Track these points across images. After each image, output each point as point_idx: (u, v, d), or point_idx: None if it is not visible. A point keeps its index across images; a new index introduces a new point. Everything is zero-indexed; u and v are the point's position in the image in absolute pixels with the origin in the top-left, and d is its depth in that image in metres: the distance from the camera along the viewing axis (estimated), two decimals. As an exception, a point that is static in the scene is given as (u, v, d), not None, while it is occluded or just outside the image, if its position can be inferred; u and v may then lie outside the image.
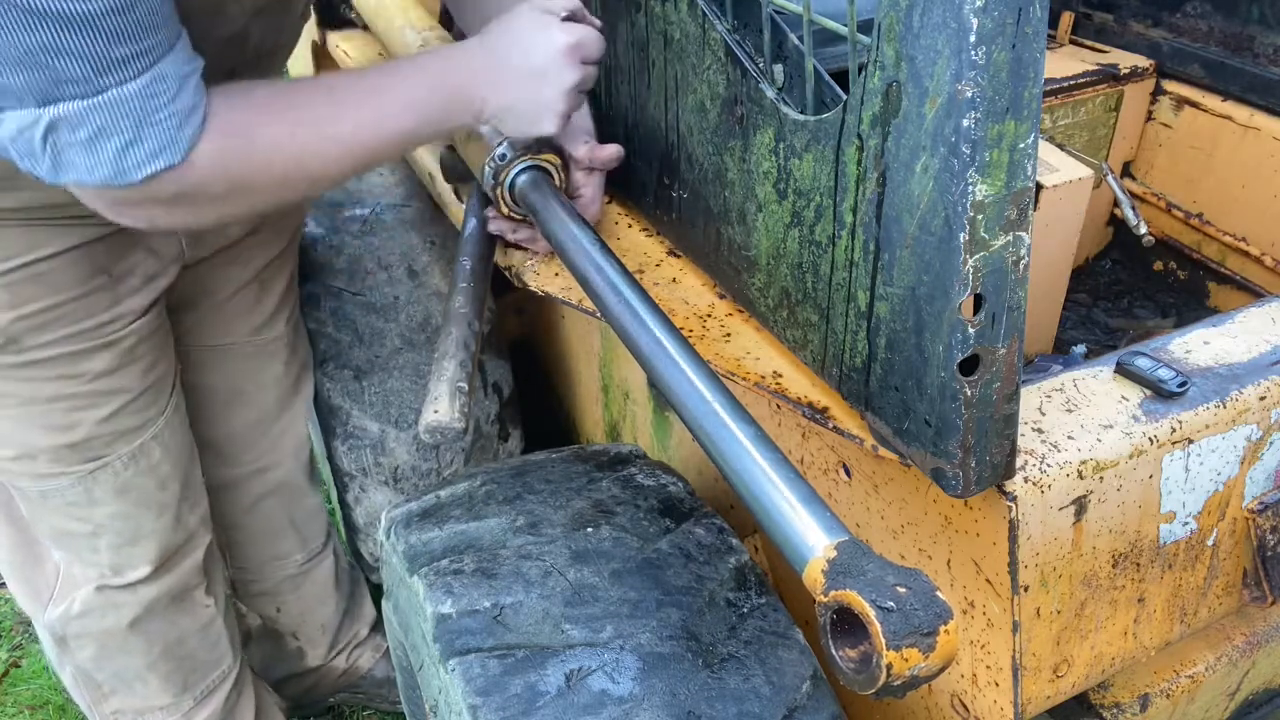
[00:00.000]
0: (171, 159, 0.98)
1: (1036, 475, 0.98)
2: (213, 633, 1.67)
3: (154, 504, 1.48)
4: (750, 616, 1.21)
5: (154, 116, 0.96)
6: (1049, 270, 1.67)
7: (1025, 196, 0.81)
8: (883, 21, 0.82)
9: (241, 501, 1.81)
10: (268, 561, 1.90)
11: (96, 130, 0.94)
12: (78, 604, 1.51)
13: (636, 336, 1.05)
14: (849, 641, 0.76)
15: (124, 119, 0.95)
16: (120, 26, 0.92)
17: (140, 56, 0.94)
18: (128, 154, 0.96)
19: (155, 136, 0.97)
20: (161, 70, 0.96)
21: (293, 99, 1.09)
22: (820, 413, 1.08)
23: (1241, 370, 1.10)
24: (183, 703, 1.67)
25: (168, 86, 0.97)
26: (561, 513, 1.31)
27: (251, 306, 1.66)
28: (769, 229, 1.10)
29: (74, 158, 0.95)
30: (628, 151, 1.40)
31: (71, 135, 0.94)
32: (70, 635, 1.55)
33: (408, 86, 1.15)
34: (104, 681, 1.61)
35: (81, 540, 1.46)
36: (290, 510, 1.87)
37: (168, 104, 0.97)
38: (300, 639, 2.02)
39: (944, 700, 1.21)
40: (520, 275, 1.42)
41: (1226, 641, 1.30)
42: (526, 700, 1.08)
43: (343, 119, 1.10)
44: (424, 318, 2.00)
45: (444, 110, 1.17)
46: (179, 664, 1.64)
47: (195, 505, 1.58)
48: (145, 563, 1.51)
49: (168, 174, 0.99)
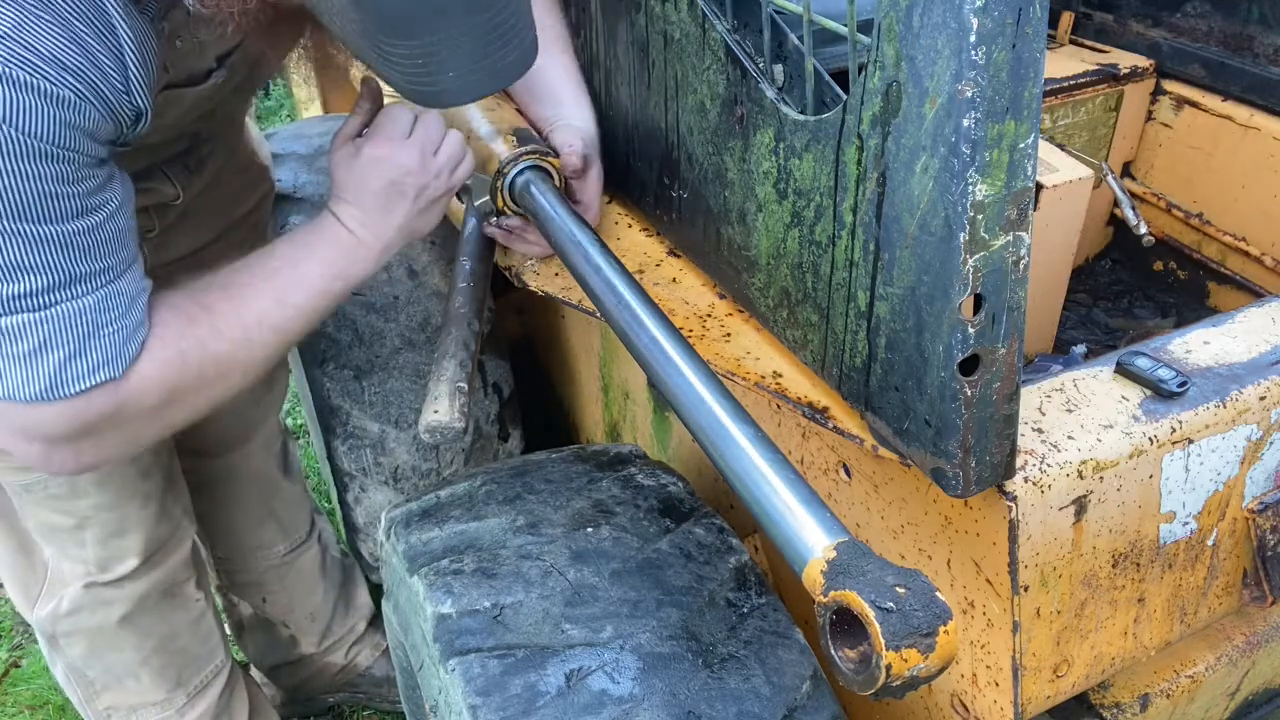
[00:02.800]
0: (113, 373, 0.97)
1: (1036, 475, 0.98)
2: (204, 627, 1.68)
3: (138, 494, 1.48)
4: (750, 616, 1.21)
5: (102, 331, 0.96)
6: (1049, 270, 1.67)
7: (1025, 196, 0.81)
8: (883, 21, 0.82)
9: (220, 493, 1.83)
10: (250, 551, 1.92)
11: (40, 343, 0.93)
12: (66, 602, 1.52)
13: (636, 336, 1.05)
14: (849, 642, 0.76)
15: (70, 332, 0.94)
16: (90, 244, 0.93)
17: (101, 275, 0.95)
18: (68, 367, 0.95)
19: (100, 350, 0.96)
20: (118, 286, 0.97)
21: (205, 298, 1.09)
22: (820, 413, 1.08)
23: (1241, 370, 1.10)
24: (176, 698, 1.67)
25: (120, 302, 0.97)
26: (561, 513, 1.31)
27: None
28: (769, 229, 1.10)
29: (9, 370, 0.93)
30: (627, 151, 1.40)
31: (12, 348, 0.92)
32: (60, 633, 1.55)
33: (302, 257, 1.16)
34: (95, 678, 1.62)
35: (67, 534, 1.47)
36: (269, 501, 1.89)
37: (118, 318, 0.97)
38: (290, 627, 2.03)
39: (944, 700, 1.21)
40: (520, 275, 1.42)
41: (1226, 641, 1.30)
42: (526, 700, 1.08)
43: (257, 302, 1.10)
44: (424, 318, 2.00)
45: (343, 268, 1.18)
46: (171, 659, 1.64)
47: (179, 497, 1.59)
48: (133, 555, 1.51)
49: (105, 388, 0.98)
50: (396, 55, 0.88)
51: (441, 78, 0.90)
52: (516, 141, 1.35)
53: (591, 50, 1.44)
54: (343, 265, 1.18)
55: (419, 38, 0.86)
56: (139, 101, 0.96)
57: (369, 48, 0.89)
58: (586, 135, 1.38)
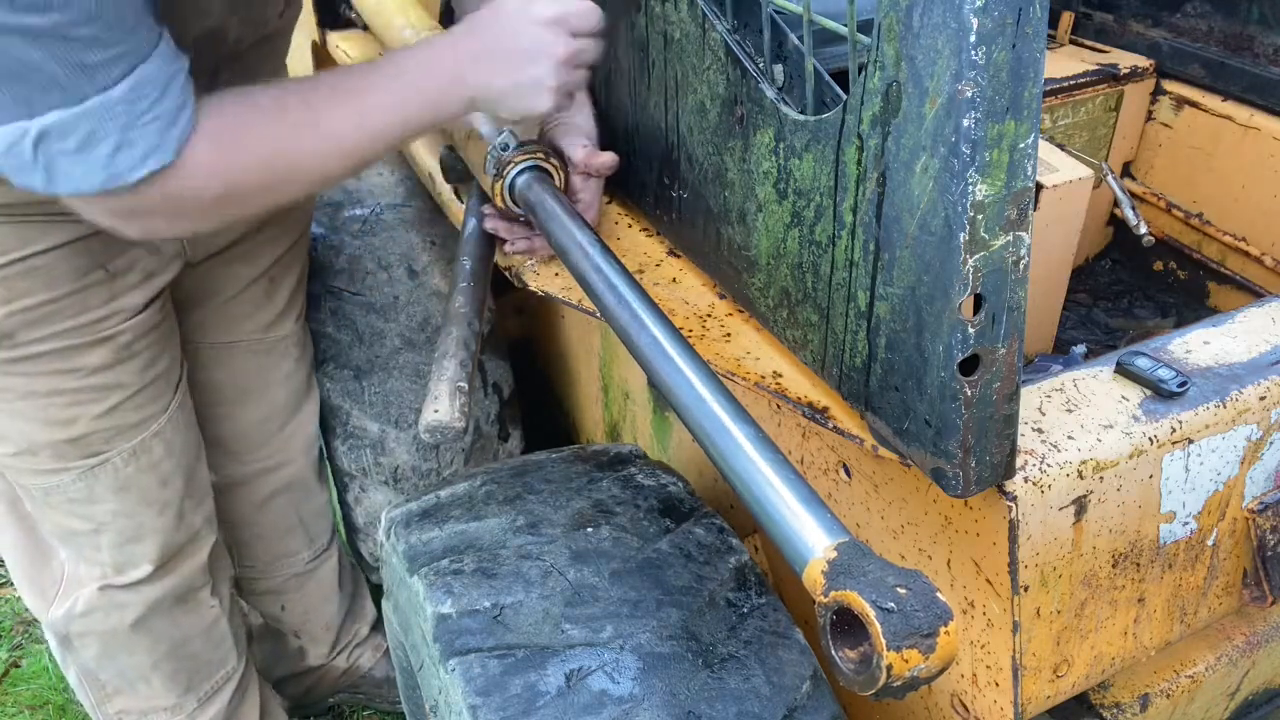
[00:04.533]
0: (163, 159, 0.98)
1: (1036, 475, 0.98)
2: (217, 633, 1.67)
3: (155, 501, 1.48)
4: (750, 616, 1.21)
5: (140, 119, 0.96)
6: (1049, 270, 1.67)
7: (1025, 196, 0.81)
8: (883, 21, 0.82)
9: (251, 499, 1.81)
10: (275, 559, 1.90)
11: (85, 137, 0.94)
12: (81, 603, 1.52)
13: (636, 337, 1.05)
14: (849, 642, 0.76)
15: (110, 123, 0.95)
16: (89, 34, 0.91)
17: (117, 61, 0.94)
18: (118, 157, 0.96)
19: (144, 139, 0.97)
20: (143, 73, 0.96)
21: (283, 99, 1.08)
22: (820, 413, 1.08)
23: (1241, 370, 1.10)
24: (186, 703, 1.67)
25: (152, 90, 0.97)
26: (561, 513, 1.31)
27: (260, 304, 1.66)
28: (769, 229, 1.10)
29: (66, 166, 0.96)
30: (627, 151, 1.40)
31: (61, 144, 0.94)
32: (74, 634, 1.55)
33: (397, 81, 1.14)
34: (108, 681, 1.62)
35: (84, 538, 1.47)
36: (299, 508, 1.88)
37: (152, 106, 0.97)
38: (302, 638, 2.02)
39: (944, 700, 1.21)
40: (520, 275, 1.42)
41: (1226, 641, 1.30)
42: (526, 700, 1.08)
43: (335, 117, 1.09)
44: (424, 318, 2.00)
45: (433, 101, 1.15)
46: (182, 664, 1.64)
47: (200, 504, 1.58)
48: (147, 561, 1.51)
49: (162, 176, 0.99)
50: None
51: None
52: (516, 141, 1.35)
53: (591, 50, 1.44)
54: (436, 100, 1.14)
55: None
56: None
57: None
58: (589, 134, 1.37)
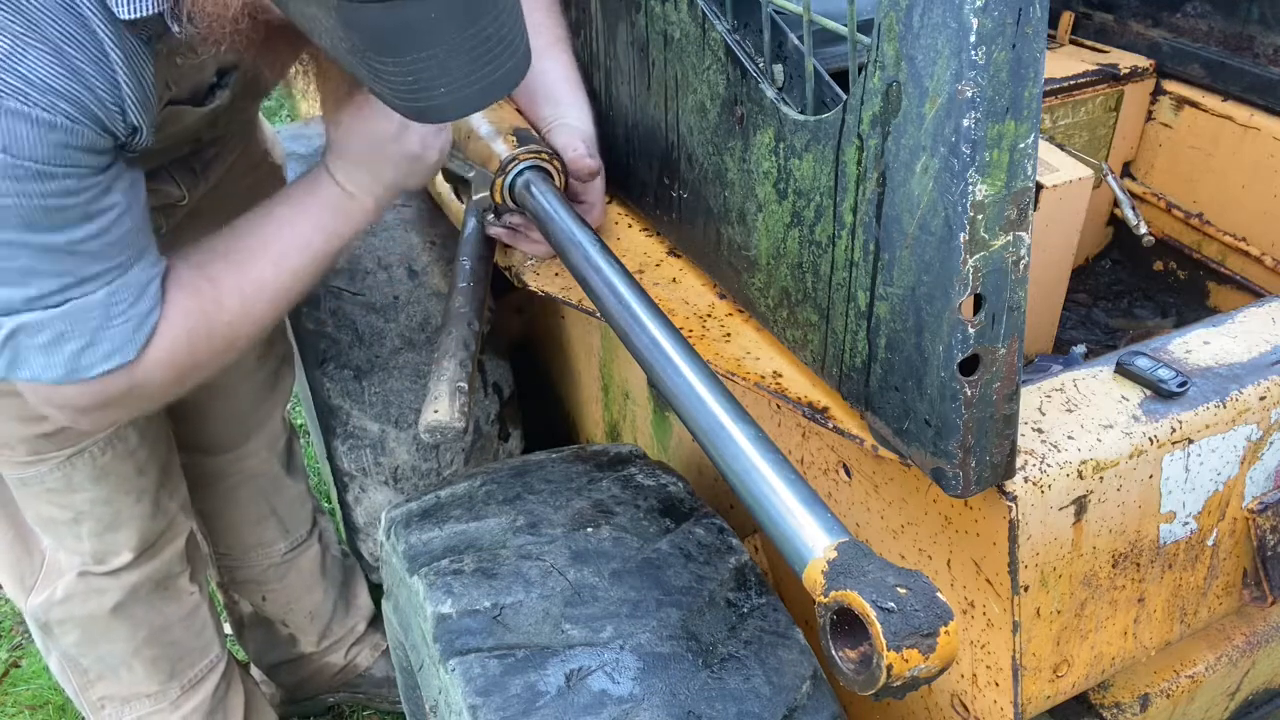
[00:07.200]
0: (124, 358, 1.04)
1: (1036, 475, 0.98)
2: (197, 620, 1.69)
3: (133, 489, 1.50)
4: (750, 616, 1.21)
5: (112, 322, 1.02)
6: (1049, 270, 1.66)
7: (1025, 196, 0.81)
8: (883, 21, 0.82)
9: (220, 490, 1.84)
10: (251, 549, 1.92)
11: (56, 335, 1.00)
12: (60, 589, 1.53)
13: (636, 336, 1.05)
14: (849, 642, 0.76)
15: (83, 325, 1.00)
16: (97, 249, 0.98)
17: (110, 272, 1.00)
18: (83, 355, 1.02)
19: (111, 340, 1.02)
20: (127, 279, 1.02)
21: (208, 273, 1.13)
22: (820, 413, 1.08)
23: (1241, 370, 1.10)
24: (169, 690, 1.68)
25: (129, 294, 1.03)
26: (561, 513, 1.31)
27: None
28: (769, 229, 1.10)
29: (31, 358, 1.01)
30: (627, 151, 1.40)
31: (31, 340, 0.99)
32: (54, 620, 1.57)
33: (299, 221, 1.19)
34: (89, 667, 1.63)
35: (64, 527, 1.48)
36: (270, 500, 1.89)
37: (126, 310, 1.03)
38: (290, 626, 2.03)
39: (944, 700, 1.21)
40: (520, 275, 1.42)
41: (1226, 641, 1.30)
42: (526, 700, 1.08)
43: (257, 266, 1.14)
44: (424, 318, 2.00)
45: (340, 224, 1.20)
46: (164, 650, 1.65)
47: (174, 492, 1.60)
48: (127, 549, 1.53)
49: (120, 372, 1.04)
50: (387, 73, 0.88)
51: (434, 94, 0.90)
52: (516, 141, 1.35)
53: (591, 50, 1.44)
54: (337, 225, 1.20)
55: (408, 54, 0.86)
56: (135, 119, 0.99)
57: (360, 65, 0.89)
58: (586, 136, 1.38)
